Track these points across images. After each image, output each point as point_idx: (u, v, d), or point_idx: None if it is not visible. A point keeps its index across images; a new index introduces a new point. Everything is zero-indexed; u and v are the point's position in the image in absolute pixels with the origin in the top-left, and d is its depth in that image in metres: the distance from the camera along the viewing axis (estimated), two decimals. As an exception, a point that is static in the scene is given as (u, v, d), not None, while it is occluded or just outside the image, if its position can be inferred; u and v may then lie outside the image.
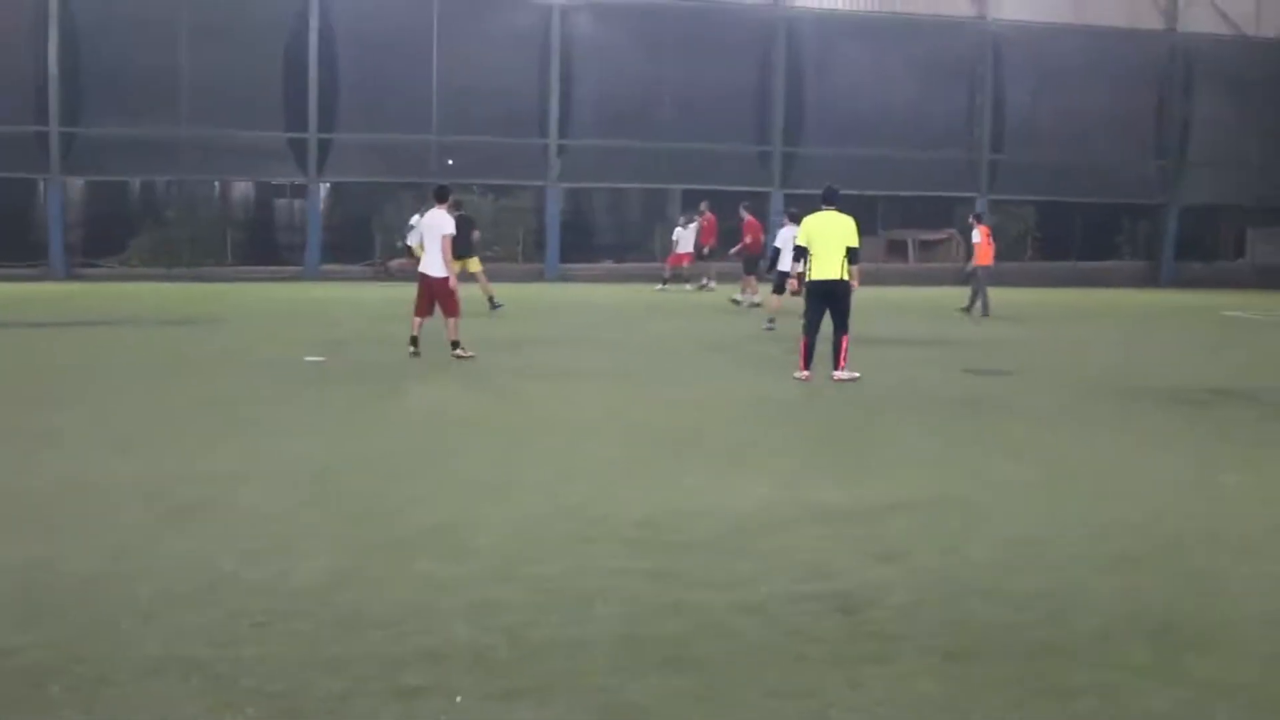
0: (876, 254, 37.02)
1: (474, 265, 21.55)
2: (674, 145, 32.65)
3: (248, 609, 5.76)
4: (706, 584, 6.27)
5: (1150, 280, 35.97)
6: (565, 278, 32.35)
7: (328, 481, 8.55)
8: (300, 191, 33.58)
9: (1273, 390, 14.10)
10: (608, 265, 35.27)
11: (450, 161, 32.18)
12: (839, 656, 5.30)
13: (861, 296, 14.73)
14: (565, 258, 33.88)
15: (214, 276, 31.80)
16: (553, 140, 32.95)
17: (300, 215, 34.28)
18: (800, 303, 14.43)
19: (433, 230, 15.31)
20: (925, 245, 38.94)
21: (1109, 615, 5.92)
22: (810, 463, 9.58)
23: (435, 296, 15.26)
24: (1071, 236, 37.28)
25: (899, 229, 38.97)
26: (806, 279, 14.09)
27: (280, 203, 36.38)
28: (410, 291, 16.06)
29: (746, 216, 25.62)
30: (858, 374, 13.89)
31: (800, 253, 14.14)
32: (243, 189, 36.72)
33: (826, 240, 13.88)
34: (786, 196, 32.76)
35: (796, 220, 20.15)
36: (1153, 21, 36.16)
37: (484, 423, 11.15)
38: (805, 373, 13.96)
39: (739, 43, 33.75)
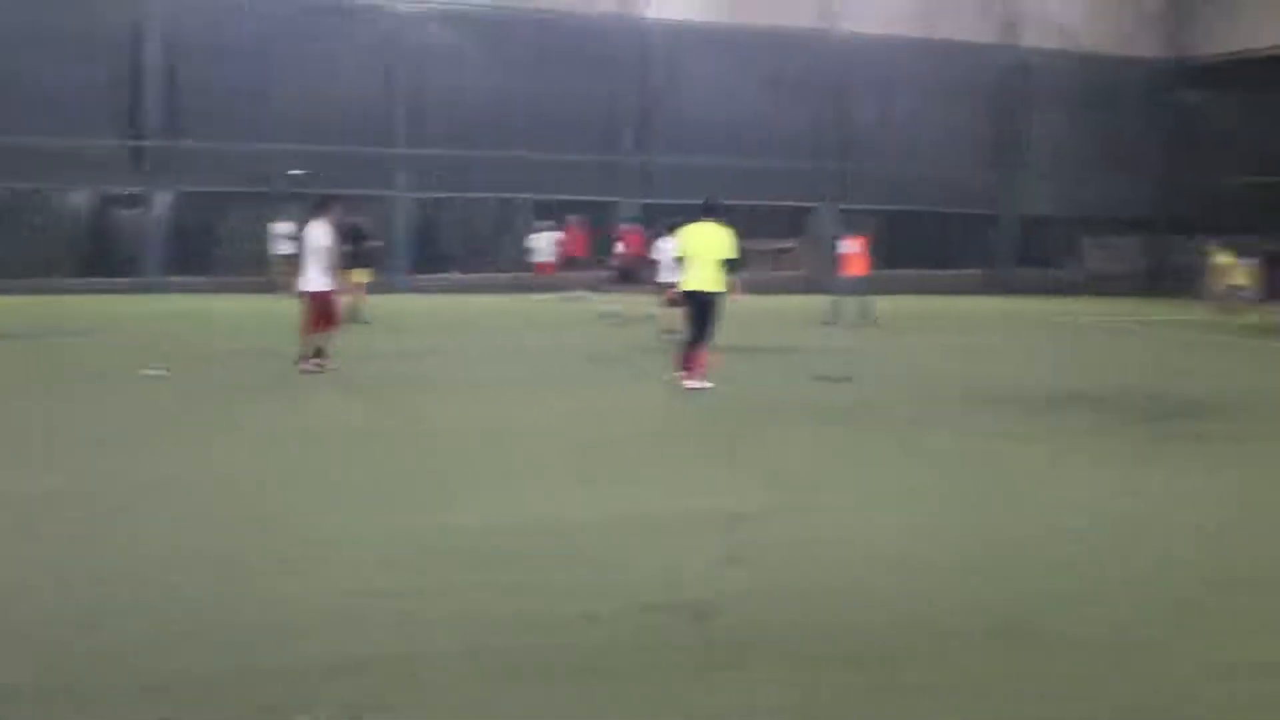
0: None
1: (359, 277, 21.06)
2: (525, 155, 32.50)
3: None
4: (555, 595, 6.19)
5: (991, 288, 36.89)
6: (415, 289, 31.94)
7: (176, 496, 8.27)
8: (140, 201, 32.63)
9: (1106, 393, 14.51)
10: (455, 276, 34.93)
11: (296, 171, 31.56)
12: (691, 665, 5.26)
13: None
14: (414, 269, 33.48)
15: (52, 289, 30.68)
16: (400, 150, 32.57)
17: (142, 225, 33.28)
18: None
19: (312, 243, 14.93)
20: (775, 254, 39.37)
21: (959, 616, 6.00)
22: (662, 472, 9.55)
23: (317, 308, 14.89)
24: (916, 245, 38.05)
25: (749, 238, 39.31)
26: (682, 289, 14.27)
27: (121, 213, 35.27)
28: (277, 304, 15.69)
29: (624, 227, 25.55)
30: (710, 384, 13.91)
31: (681, 263, 14.23)
32: (82, 198, 35.50)
33: (702, 251, 14.03)
34: (643, 206, 32.91)
35: (674, 232, 20.49)
36: (993, 36, 37.16)
37: (333, 435, 10.93)
38: (681, 373, 14.08)
39: (591, 52, 33.76)
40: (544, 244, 30.20)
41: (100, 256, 33.56)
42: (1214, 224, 34.09)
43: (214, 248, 33.76)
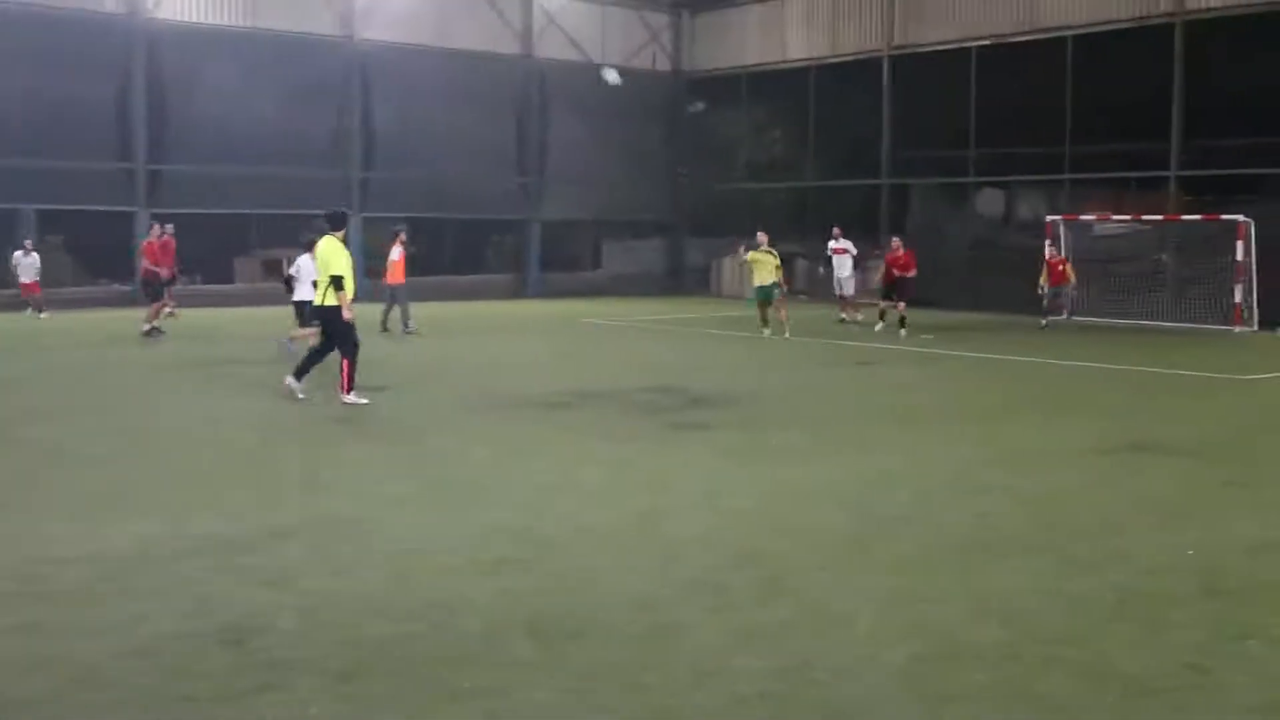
0: (253, 274, 36.31)
1: None
2: (24, 163, 30.24)
3: None
4: (79, 633, 5.88)
5: (518, 292, 37.78)
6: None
7: None
8: None
9: (628, 390, 15.25)
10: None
11: None
12: (227, 691, 5.15)
13: (236, 317, 14.39)
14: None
15: None
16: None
17: None
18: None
19: None
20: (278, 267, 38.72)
21: (492, 617, 6.17)
22: (196, 494, 9.22)
23: None
24: (443, 251, 38.40)
25: (274, 247, 38.43)
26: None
27: None
28: None
29: (155, 237, 23.78)
30: (366, 400, 13.77)
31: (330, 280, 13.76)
32: None
33: (319, 266, 13.96)
34: (153, 215, 31.35)
35: (311, 249, 19.45)
36: (511, 46, 38.04)
37: None
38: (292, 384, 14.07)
39: (96, 53, 31.81)
40: (28, 262, 27.78)
41: None
42: (725, 226, 36.69)
43: None
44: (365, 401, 13.72)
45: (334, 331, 13.91)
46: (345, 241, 14.17)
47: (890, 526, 8.31)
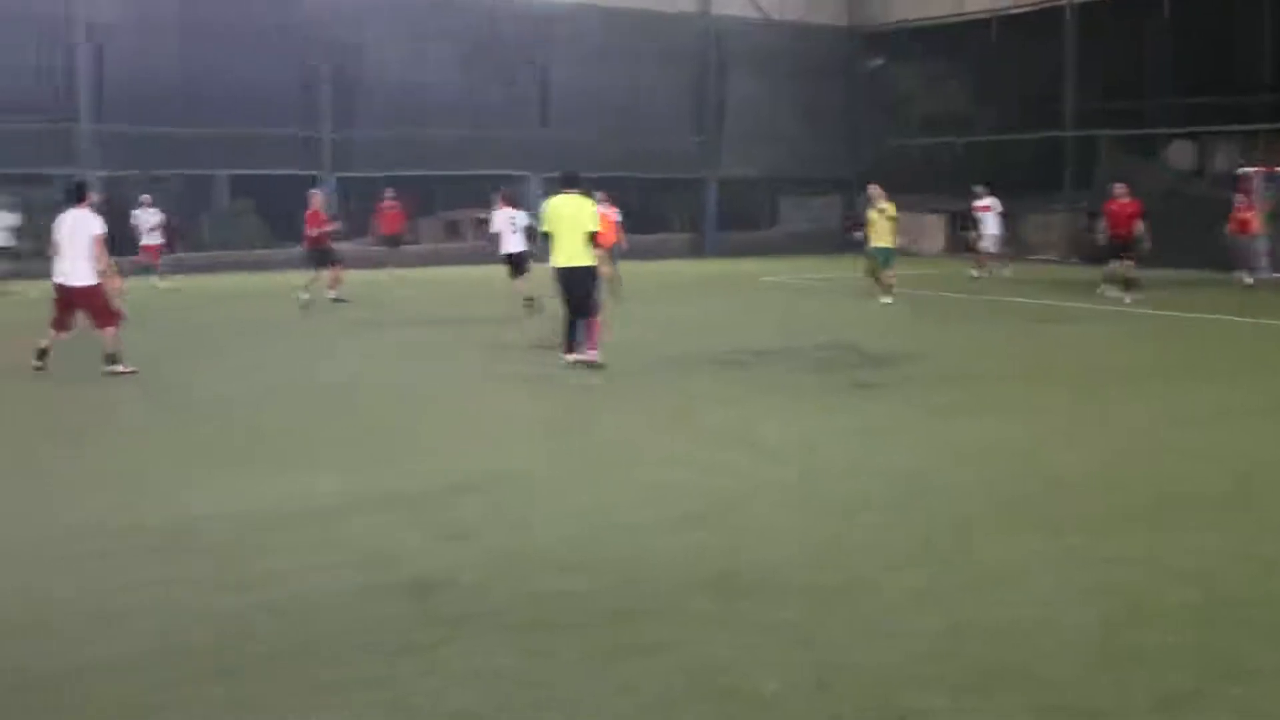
0: (436, 234, 37.06)
1: None
2: (218, 130, 31.33)
3: None
4: (269, 583, 6.11)
5: (697, 251, 37.80)
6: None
7: None
8: None
9: (805, 348, 15.16)
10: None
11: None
12: (412, 642, 5.29)
13: (420, 278, 14.68)
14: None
15: None
16: (84, 124, 30.92)
17: None
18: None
19: (75, 232, 13.21)
20: (481, 223, 39.35)
21: (672, 572, 6.22)
22: (375, 449, 9.49)
23: (79, 308, 13.29)
24: (623, 211, 38.60)
25: (455, 209, 39.14)
26: (552, 266, 13.62)
27: None
28: None
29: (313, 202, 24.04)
30: (597, 359, 13.42)
31: (536, 234, 13.62)
32: None
33: (567, 225, 13.44)
34: (339, 180, 32.29)
35: (510, 201, 20.29)
36: (689, 4, 37.96)
37: (32, 432, 10.41)
38: (570, 355, 13.53)
39: (282, 25, 32.75)
40: (149, 222, 26.35)
41: None
42: (901, 182, 36.02)
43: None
44: (597, 361, 13.38)
45: (584, 292, 13.51)
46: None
47: (1071, 486, 8.10)
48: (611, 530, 7.05)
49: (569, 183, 13.88)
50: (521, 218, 20.36)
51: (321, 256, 21.70)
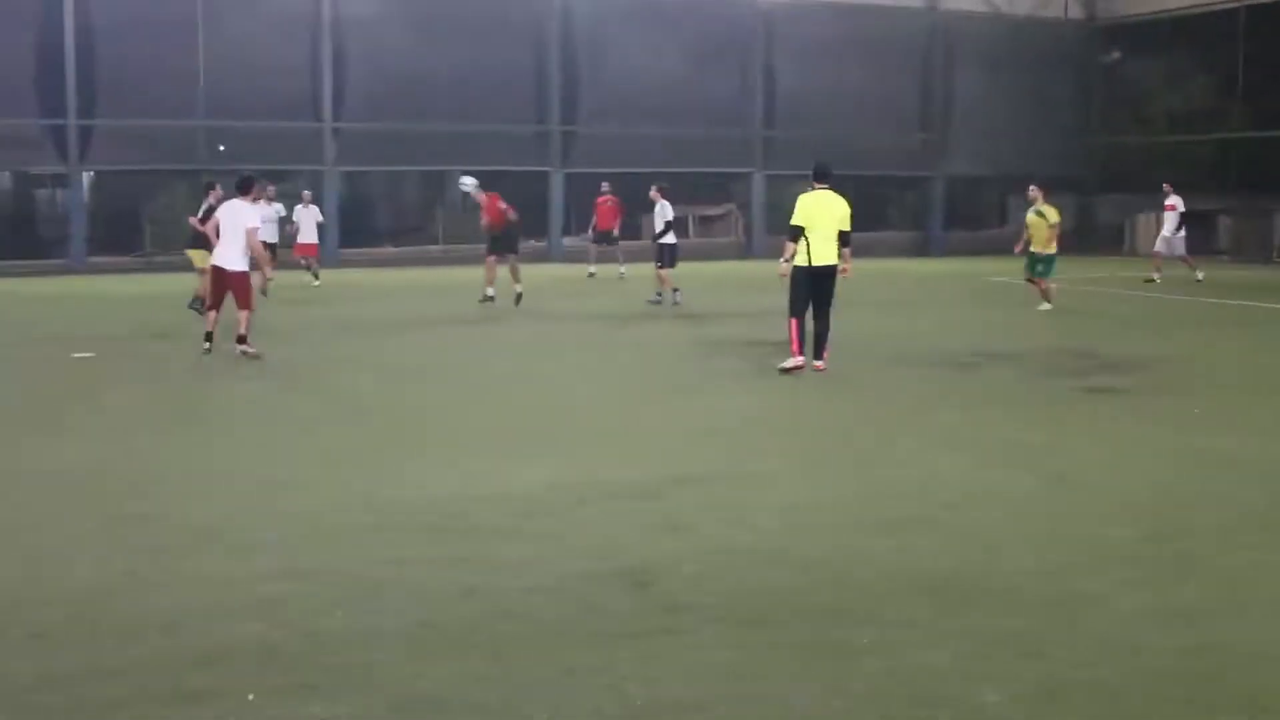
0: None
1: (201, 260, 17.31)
2: (450, 127, 32.26)
3: (17, 621, 5.50)
4: (497, 567, 6.25)
5: (920, 249, 37.22)
6: (344, 263, 31.61)
7: (96, 484, 8.21)
8: (62, 181, 32.07)
9: (1035, 351, 14.77)
10: (387, 250, 34.73)
11: (221, 148, 31.17)
12: (631, 630, 5.35)
13: (642, 273, 14.77)
14: (344, 242, 33.20)
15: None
16: (327, 123, 32.23)
17: (63, 206, 32.69)
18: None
19: (234, 222, 14.26)
20: (705, 220, 39.56)
21: (890, 575, 6.13)
22: (597, 441, 9.62)
23: (229, 289, 14.25)
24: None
25: (680, 205, 39.46)
26: (808, 263, 12.86)
27: (41, 193, 34.69)
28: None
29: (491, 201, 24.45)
30: (799, 362, 12.75)
31: (796, 232, 12.80)
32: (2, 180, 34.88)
33: (826, 221, 12.81)
34: (567, 176, 32.87)
35: (666, 195, 20.57)
36: (915, 1, 37.37)
37: (264, 417, 10.90)
38: (799, 359, 12.73)
39: (513, 21, 33.53)
40: (308, 215, 26.18)
41: (23, 239, 32.92)
42: (1139, 181, 34.64)
43: (138, 228, 33.26)
44: (798, 363, 12.77)
45: (832, 293, 13.00)
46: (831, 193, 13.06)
47: (1324, 503, 7.67)
48: (830, 529, 6.99)
49: (822, 176, 13.11)
50: (667, 209, 20.43)
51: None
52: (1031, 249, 19.50)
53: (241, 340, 14.20)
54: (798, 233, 12.77)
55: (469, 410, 11.06)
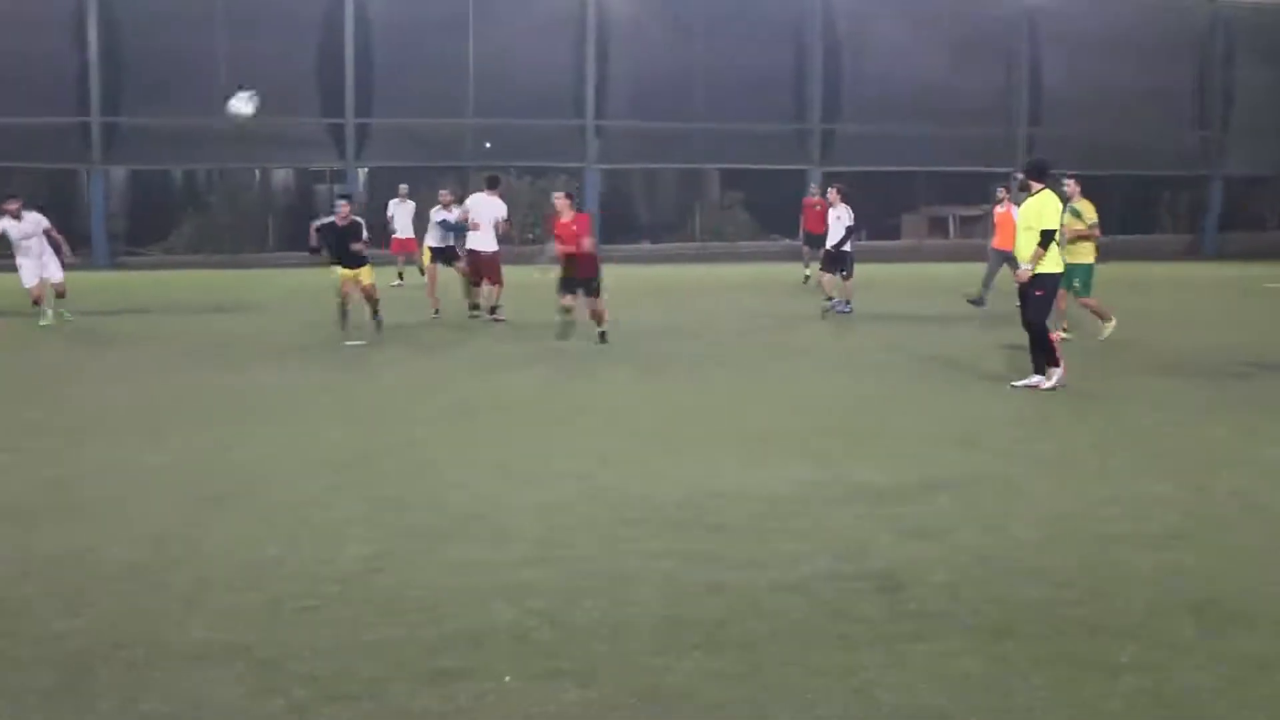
0: (919, 230, 36.87)
1: (366, 276, 16.55)
2: (710, 125, 32.53)
3: (290, 594, 5.81)
4: (745, 564, 6.27)
5: (1192, 252, 35.59)
6: (604, 259, 32.07)
7: (363, 468, 8.59)
8: (339, 177, 33.70)
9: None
10: (645, 246, 35.24)
11: (488, 145, 32.22)
12: (881, 635, 5.30)
13: (907, 273, 14.54)
14: (605, 239, 33.79)
15: (256, 263, 31.98)
16: (589, 121, 32.90)
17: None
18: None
19: (486, 214, 17.67)
20: (965, 220, 38.77)
21: (1151, 592, 5.89)
22: (845, 443, 9.53)
23: (483, 267, 17.69)
24: (1111, 209, 36.91)
25: (939, 205, 38.79)
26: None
27: (320, 188, 36.54)
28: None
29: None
30: (1052, 381, 11.90)
31: (1049, 237, 11.74)
32: (282, 176, 36.93)
33: (1022, 224, 12.05)
34: (825, 174, 32.66)
35: (848, 199, 19.55)
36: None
37: (521, 409, 11.20)
38: (1061, 371, 11.93)
39: (773, 20, 33.58)
40: (404, 210, 24.93)
41: (303, 231, 34.65)
42: None
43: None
44: (1051, 385, 11.88)
45: (1035, 304, 11.98)
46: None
47: None
48: (1085, 540, 6.75)
49: (1037, 174, 12.09)
50: (848, 214, 19.72)
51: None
52: (1070, 261, 14.41)
53: (493, 310, 17.78)
54: (1050, 237, 11.83)
55: (719, 410, 11.11)
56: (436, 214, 18.58)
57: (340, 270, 16.21)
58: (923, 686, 4.76)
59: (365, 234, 16.23)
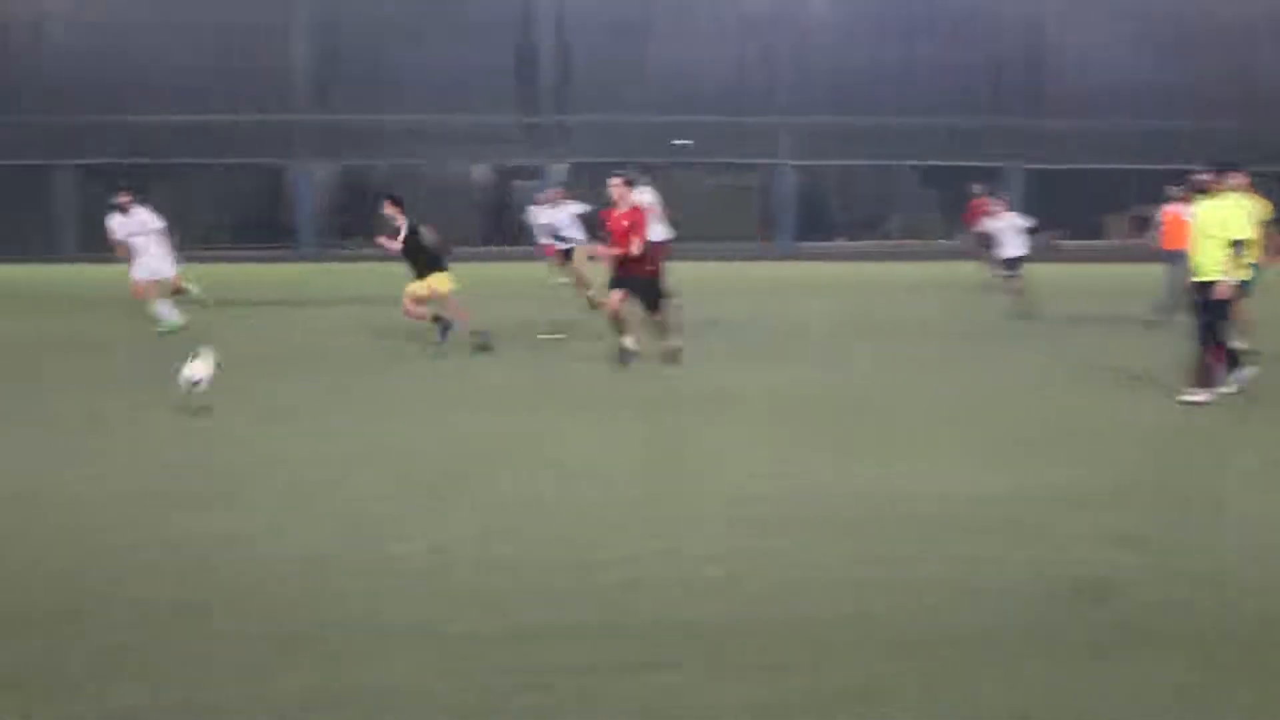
0: (1123, 230, 35.78)
1: (442, 284, 15.60)
2: (901, 120, 32.01)
3: (530, 582, 5.95)
4: (944, 565, 6.18)
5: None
6: (797, 256, 31.96)
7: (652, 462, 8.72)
8: (536, 174, 34.24)
9: None
10: (841, 244, 34.90)
11: (681, 141, 32.37)
12: (1081, 644, 5.15)
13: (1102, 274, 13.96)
14: (798, 236, 33.68)
15: (457, 257, 32.53)
16: (780, 117, 32.74)
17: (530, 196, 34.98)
18: None
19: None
20: (1143, 222, 37.58)
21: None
22: (1034, 448, 9.22)
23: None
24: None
25: (1146, 204, 37.58)
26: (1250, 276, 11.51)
27: (518, 184, 37.21)
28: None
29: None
30: (1212, 396, 10.99)
31: (1242, 245, 10.86)
32: (481, 172, 37.71)
33: (1202, 229, 11.11)
34: (1026, 171, 31.95)
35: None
36: None
37: (727, 409, 11.21)
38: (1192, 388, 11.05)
39: (964, 17, 32.93)
40: (548, 219, 21.82)
41: (500, 226, 35.43)
42: None
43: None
44: (1205, 399, 10.93)
45: (1209, 314, 11.04)
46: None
47: None
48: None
49: (1219, 175, 11.19)
50: (1020, 219, 18.84)
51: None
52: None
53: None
54: (1241, 245, 10.94)
55: (907, 409, 10.96)
56: (542, 213, 18.23)
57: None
58: (1125, 699, 4.63)
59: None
